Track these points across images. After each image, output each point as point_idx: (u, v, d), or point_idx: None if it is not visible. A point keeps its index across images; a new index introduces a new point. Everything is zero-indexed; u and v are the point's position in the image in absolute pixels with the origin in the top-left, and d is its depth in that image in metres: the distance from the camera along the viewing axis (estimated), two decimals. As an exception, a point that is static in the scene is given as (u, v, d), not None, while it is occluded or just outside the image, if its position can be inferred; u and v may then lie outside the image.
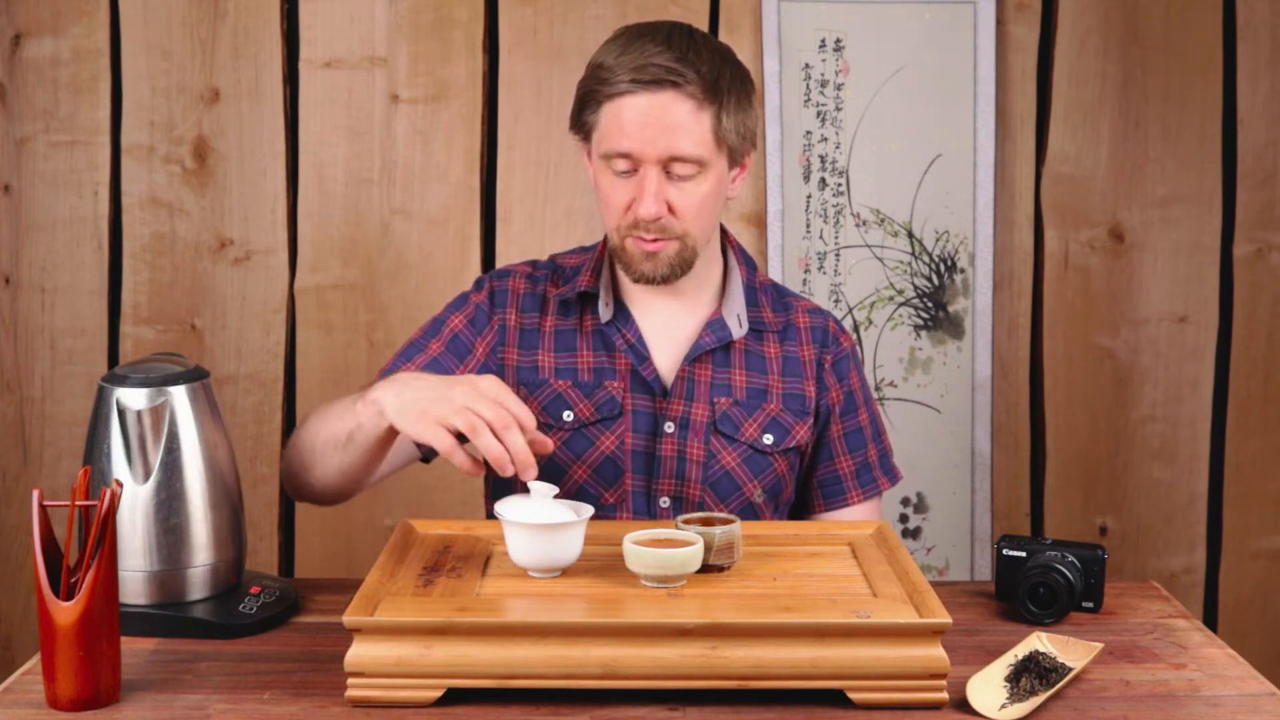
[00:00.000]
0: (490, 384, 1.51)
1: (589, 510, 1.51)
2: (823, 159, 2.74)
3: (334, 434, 1.65)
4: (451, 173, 2.75)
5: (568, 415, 1.78)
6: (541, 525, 1.46)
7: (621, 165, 1.70)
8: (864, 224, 2.75)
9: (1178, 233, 2.77)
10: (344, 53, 2.73)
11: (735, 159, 1.76)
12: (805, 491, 1.89)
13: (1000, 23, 2.74)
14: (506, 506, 1.49)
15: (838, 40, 2.73)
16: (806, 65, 2.73)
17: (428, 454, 1.81)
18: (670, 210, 1.70)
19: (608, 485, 1.78)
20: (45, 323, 2.75)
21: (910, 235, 2.75)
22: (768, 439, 1.81)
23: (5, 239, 2.73)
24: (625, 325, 1.80)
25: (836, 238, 2.75)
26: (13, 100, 2.71)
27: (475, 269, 2.75)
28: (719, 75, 1.69)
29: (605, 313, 1.80)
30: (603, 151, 1.71)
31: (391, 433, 1.58)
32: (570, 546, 1.48)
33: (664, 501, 1.79)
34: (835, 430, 1.86)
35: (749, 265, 1.88)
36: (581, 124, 1.75)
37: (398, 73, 2.73)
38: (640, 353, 1.79)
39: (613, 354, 1.80)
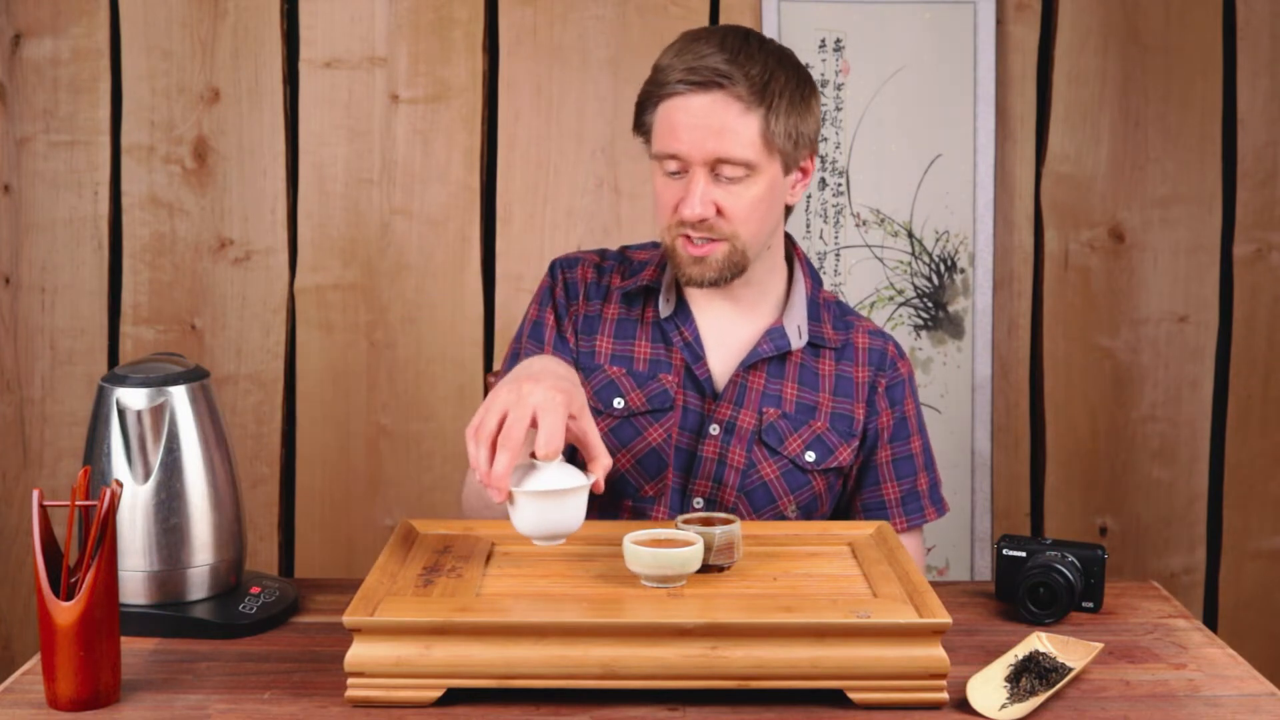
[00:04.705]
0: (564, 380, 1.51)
1: (591, 478, 1.48)
2: (823, 159, 2.74)
3: (473, 501, 1.77)
4: (451, 173, 2.74)
5: (618, 402, 1.78)
6: (541, 492, 1.44)
7: (672, 166, 1.70)
8: (864, 224, 2.75)
9: (1178, 233, 2.77)
10: (344, 53, 2.73)
11: (791, 164, 1.73)
12: (848, 514, 1.86)
13: (1000, 23, 2.74)
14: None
15: (838, 40, 2.72)
16: (806, 65, 2.72)
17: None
18: (719, 212, 1.69)
19: (650, 478, 1.77)
20: (45, 323, 2.75)
21: (910, 235, 2.75)
22: (810, 456, 1.78)
23: (5, 239, 2.73)
24: (684, 323, 1.80)
25: (836, 238, 2.75)
26: (13, 100, 2.71)
27: (475, 269, 2.75)
28: (770, 78, 1.68)
29: (666, 308, 1.80)
30: (655, 152, 1.72)
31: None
32: (572, 512, 1.46)
33: (698, 502, 1.77)
34: (883, 455, 1.83)
35: (814, 279, 1.86)
36: (641, 125, 1.75)
37: (398, 73, 2.73)
38: (696, 351, 1.79)
39: (669, 349, 1.80)
